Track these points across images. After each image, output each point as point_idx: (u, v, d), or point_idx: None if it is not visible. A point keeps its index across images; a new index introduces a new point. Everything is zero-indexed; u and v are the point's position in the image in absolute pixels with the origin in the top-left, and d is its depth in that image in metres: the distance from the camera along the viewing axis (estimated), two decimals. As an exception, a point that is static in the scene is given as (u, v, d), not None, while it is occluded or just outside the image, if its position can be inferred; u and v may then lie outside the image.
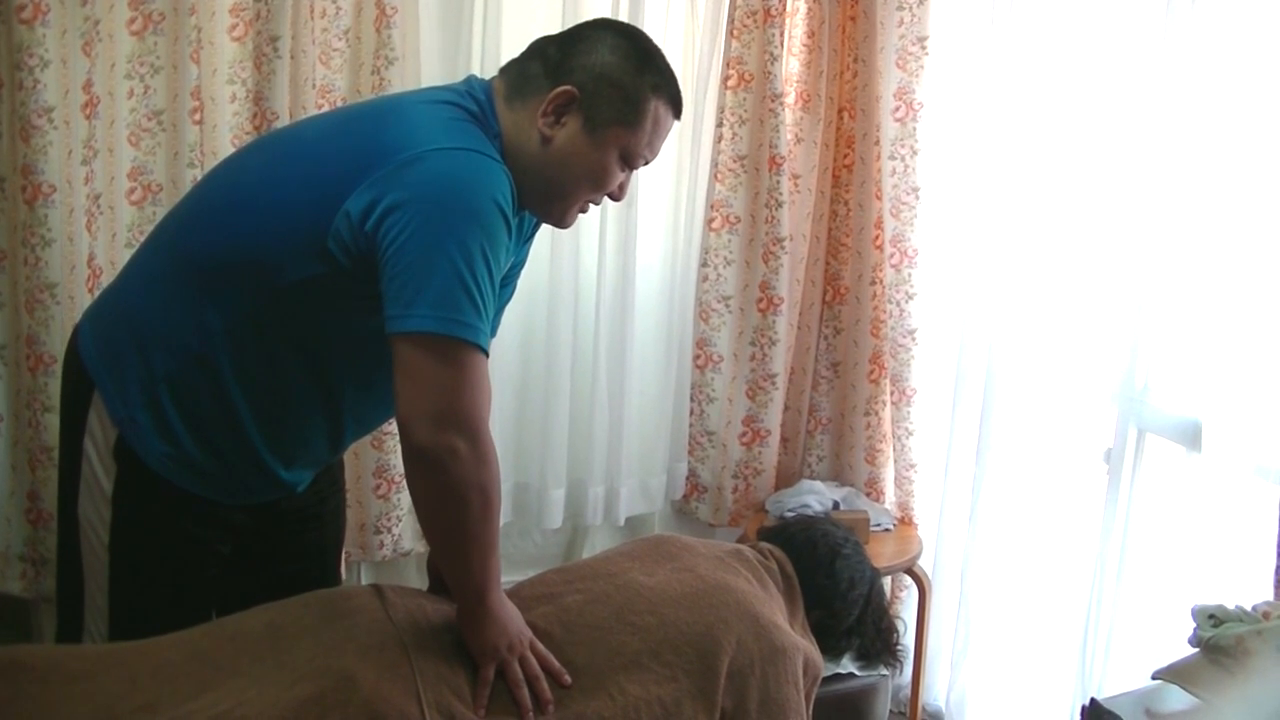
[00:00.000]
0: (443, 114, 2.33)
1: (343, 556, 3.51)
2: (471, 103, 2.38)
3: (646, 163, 2.48)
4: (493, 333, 2.76)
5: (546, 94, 2.35)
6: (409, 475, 2.28)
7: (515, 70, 2.44)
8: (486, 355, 2.22)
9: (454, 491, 2.22)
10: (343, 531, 3.01)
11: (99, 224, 3.22)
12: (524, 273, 3.81)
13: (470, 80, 2.49)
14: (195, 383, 2.38)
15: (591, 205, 2.54)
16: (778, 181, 4.11)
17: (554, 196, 2.44)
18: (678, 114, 2.47)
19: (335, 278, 2.27)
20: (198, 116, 3.29)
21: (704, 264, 4.25)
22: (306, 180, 2.31)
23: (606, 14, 3.78)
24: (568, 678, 2.34)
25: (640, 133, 2.39)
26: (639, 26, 3.75)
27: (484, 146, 2.30)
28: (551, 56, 2.40)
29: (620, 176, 2.46)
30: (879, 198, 4.20)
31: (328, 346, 2.41)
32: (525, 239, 2.69)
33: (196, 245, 2.41)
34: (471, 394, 2.20)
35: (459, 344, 2.17)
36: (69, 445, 2.50)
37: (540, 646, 2.36)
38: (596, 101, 2.35)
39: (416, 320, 2.16)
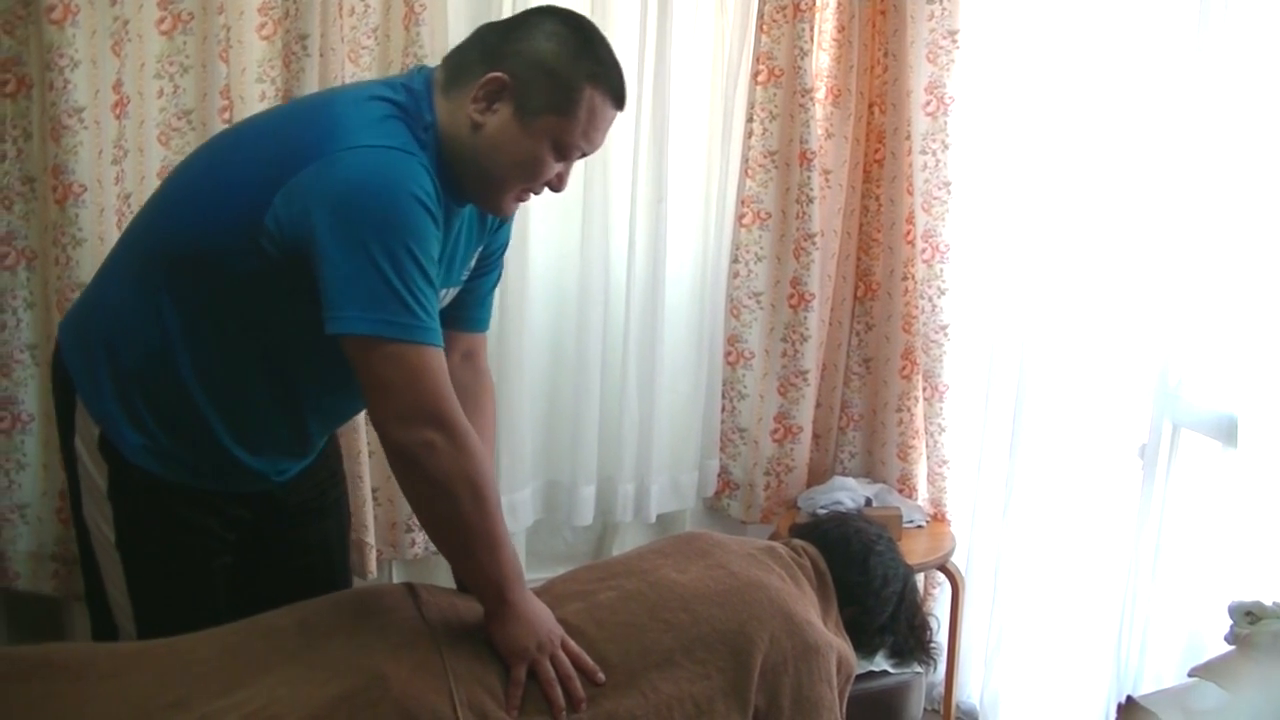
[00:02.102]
0: (368, 112, 2.32)
1: (372, 553, 3.52)
2: (405, 94, 2.36)
3: (584, 154, 2.45)
4: (485, 323, 2.81)
5: (479, 80, 2.33)
6: (396, 476, 2.31)
7: (455, 57, 2.43)
8: (434, 346, 2.23)
9: (439, 486, 2.24)
10: (348, 524, 3.03)
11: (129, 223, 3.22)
12: (554, 268, 3.84)
13: (414, 70, 2.48)
14: (158, 377, 2.40)
15: (533, 195, 2.51)
16: (808, 177, 4.09)
17: (486, 184, 2.41)
18: (618, 105, 2.42)
19: (276, 273, 2.28)
20: (227, 115, 3.29)
21: (735, 260, 4.24)
22: (240, 178, 2.32)
23: (635, 9, 3.78)
24: (601, 675, 2.34)
25: (574, 122, 2.35)
26: (665, 21, 3.76)
27: (404, 142, 2.28)
28: (489, 43, 2.39)
29: (556, 167, 2.42)
30: (910, 193, 4.18)
31: (279, 340, 2.41)
32: (496, 227, 2.69)
33: (151, 241, 2.45)
34: (427, 388, 2.22)
35: (393, 343, 2.19)
36: (66, 449, 2.55)
37: (572, 644, 2.35)
38: (529, 89, 2.32)
39: (348, 322, 2.18)
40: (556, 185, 2.48)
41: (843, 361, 4.47)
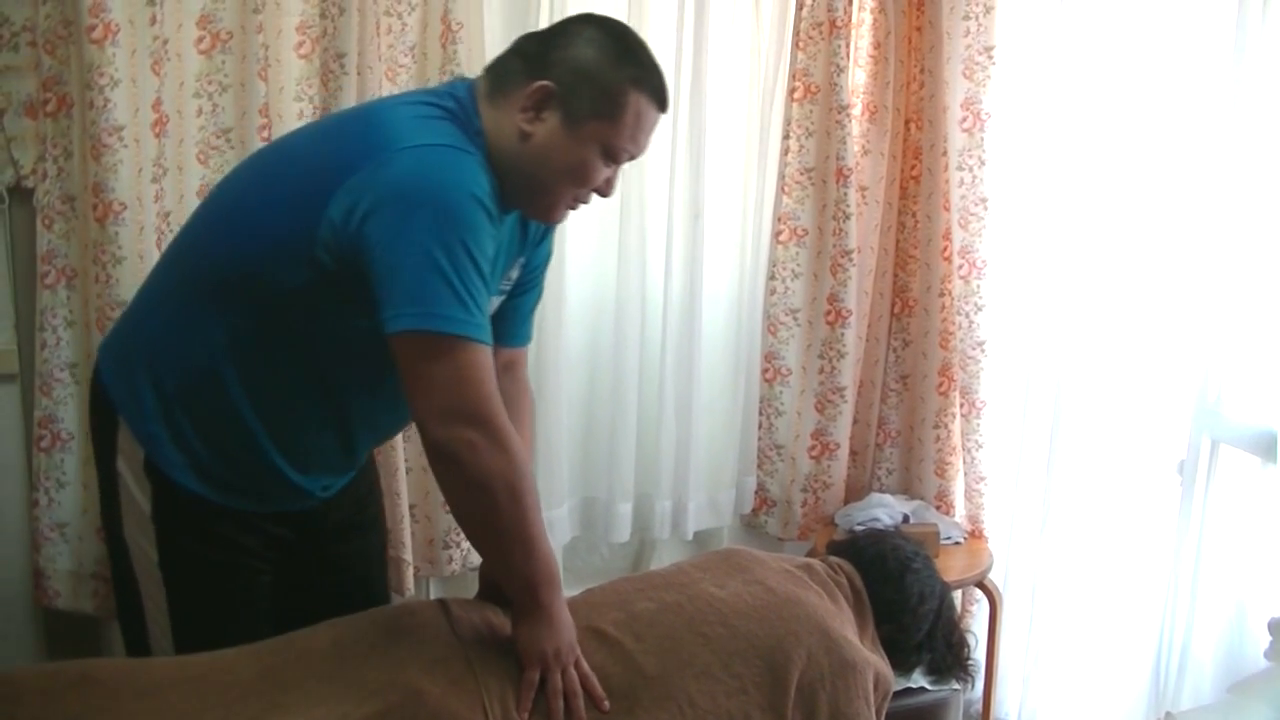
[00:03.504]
0: (419, 113, 2.33)
1: (409, 570, 3.53)
2: (451, 101, 2.38)
3: (632, 157, 2.46)
4: (526, 338, 2.80)
5: (525, 89, 2.34)
6: (434, 473, 2.29)
7: (497, 68, 2.44)
8: (484, 344, 2.23)
9: (476, 484, 2.23)
10: (385, 539, 3.04)
11: (169, 242, 3.23)
12: (590, 285, 3.84)
13: (453, 81, 2.49)
14: (205, 397, 2.40)
15: (581, 203, 2.52)
16: (845, 194, 4.09)
17: (536, 192, 2.42)
18: (662, 107, 2.44)
19: (329, 284, 2.28)
20: (266, 134, 3.30)
21: (771, 277, 4.24)
22: (290, 191, 2.33)
23: (671, 27, 3.79)
24: (607, 704, 2.33)
25: (620, 127, 2.37)
26: (700, 38, 3.77)
27: (460, 142, 2.30)
28: (531, 52, 2.40)
29: (605, 171, 2.43)
30: (947, 209, 4.17)
31: (329, 354, 2.41)
32: (537, 241, 2.70)
33: (196, 261, 2.45)
34: (472, 386, 2.21)
35: (446, 338, 2.18)
36: (105, 471, 2.54)
37: (585, 665, 2.35)
38: (574, 96, 2.33)
39: (404, 319, 2.17)
40: (605, 190, 2.49)
41: (880, 378, 4.47)
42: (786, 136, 4.14)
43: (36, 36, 3.04)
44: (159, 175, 3.17)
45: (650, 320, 4.02)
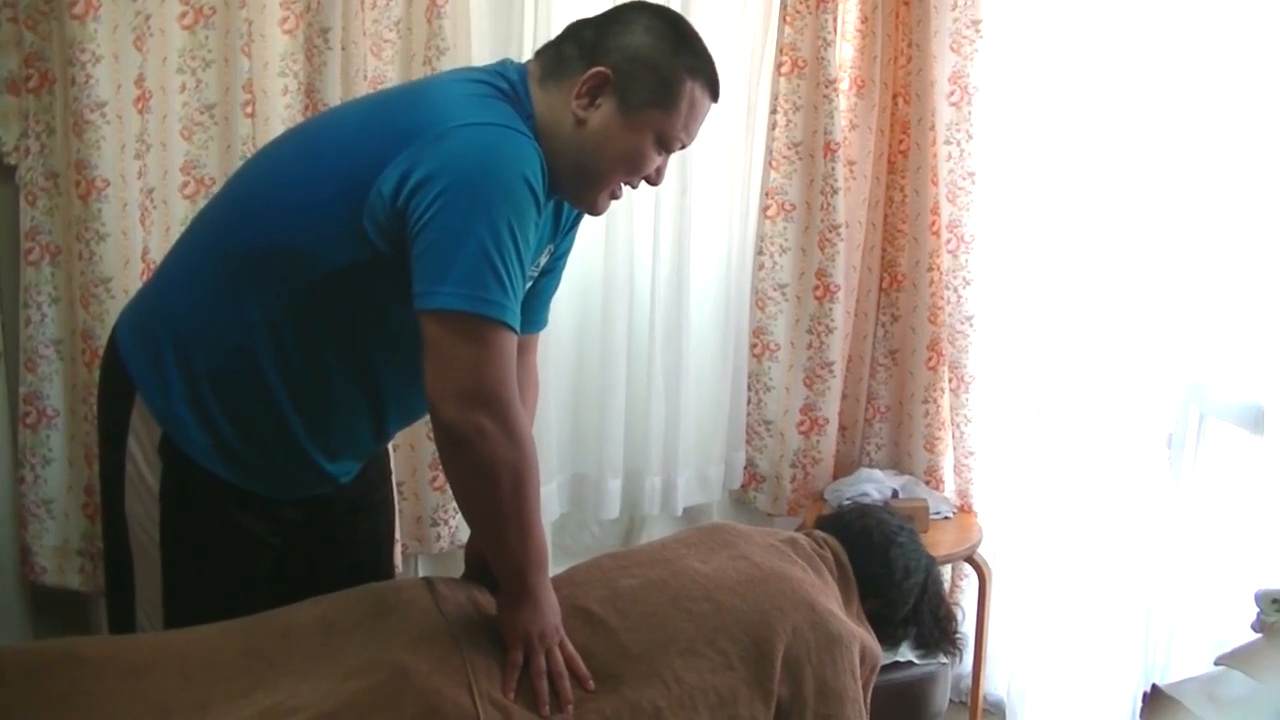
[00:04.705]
0: (473, 91, 2.32)
1: (398, 547, 3.52)
2: (503, 82, 2.36)
3: (683, 146, 2.46)
4: (543, 323, 2.75)
5: (580, 75, 2.33)
6: (440, 453, 2.28)
7: (550, 52, 2.43)
8: (515, 333, 2.21)
9: (484, 470, 2.21)
10: (393, 521, 3.01)
11: (152, 218, 3.23)
12: (579, 262, 3.83)
13: (503, 63, 2.47)
14: (236, 377, 2.37)
15: (627, 189, 2.50)
16: (833, 168, 4.08)
17: (587, 179, 2.41)
18: (715, 97, 2.45)
19: (372, 264, 2.26)
20: (250, 110, 3.29)
21: (760, 252, 4.24)
22: (338, 169, 2.30)
23: (658, 1, 3.77)
24: (592, 684, 2.32)
25: (676, 115, 2.37)
26: (687, 12, 3.75)
27: (514, 123, 2.28)
28: (587, 38, 2.38)
29: (656, 160, 2.43)
30: (935, 183, 4.17)
31: (367, 335, 2.40)
32: (567, 229, 2.67)
33: (233, 240, 2.40)
34: (498, 372, 2.19)
35: (485, 322, 2.16)
36: (111, 446, 2.50)
37: (570, 646, 2.35)
38: (631, 83, 2.32)
39: (443, 298, 2.15)
40: (655, 179, 2.49)
41: (869, 353, 4.47)
42: (774, 111, 4.13)
43: (18, 12, 3.02)
44: (142, 151, 3.16)
45: (638, 296, 4.02)
